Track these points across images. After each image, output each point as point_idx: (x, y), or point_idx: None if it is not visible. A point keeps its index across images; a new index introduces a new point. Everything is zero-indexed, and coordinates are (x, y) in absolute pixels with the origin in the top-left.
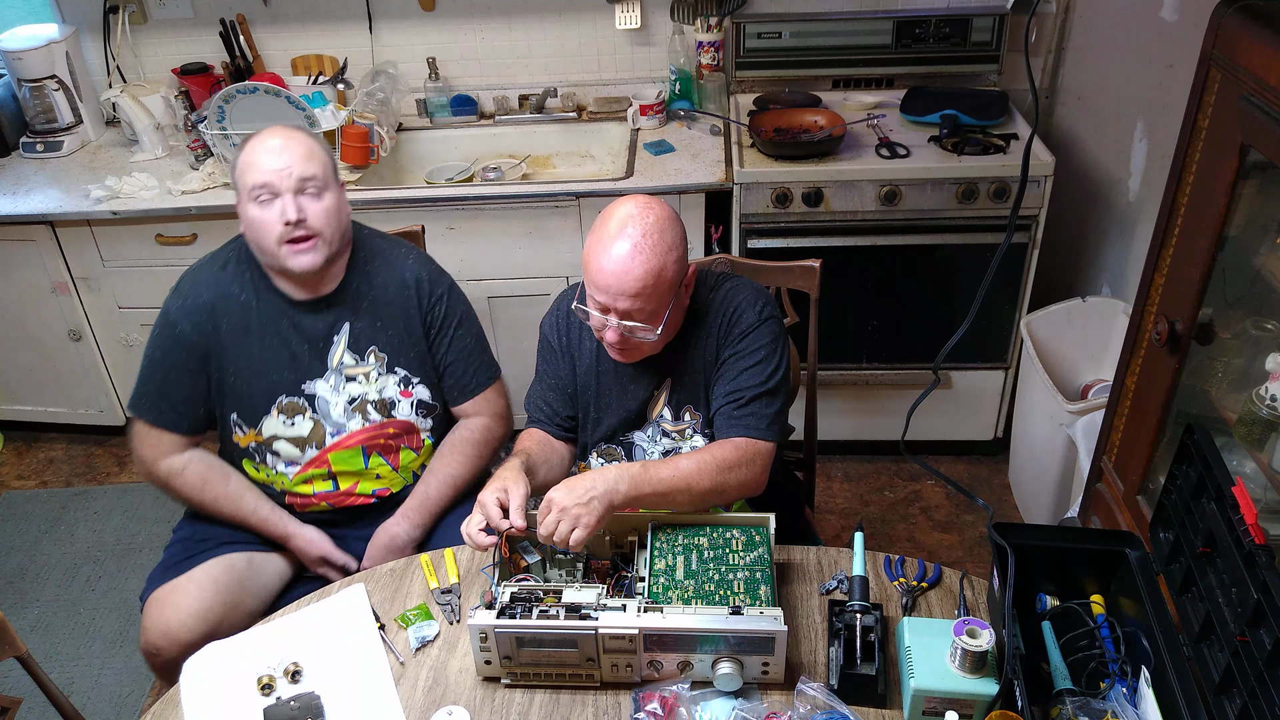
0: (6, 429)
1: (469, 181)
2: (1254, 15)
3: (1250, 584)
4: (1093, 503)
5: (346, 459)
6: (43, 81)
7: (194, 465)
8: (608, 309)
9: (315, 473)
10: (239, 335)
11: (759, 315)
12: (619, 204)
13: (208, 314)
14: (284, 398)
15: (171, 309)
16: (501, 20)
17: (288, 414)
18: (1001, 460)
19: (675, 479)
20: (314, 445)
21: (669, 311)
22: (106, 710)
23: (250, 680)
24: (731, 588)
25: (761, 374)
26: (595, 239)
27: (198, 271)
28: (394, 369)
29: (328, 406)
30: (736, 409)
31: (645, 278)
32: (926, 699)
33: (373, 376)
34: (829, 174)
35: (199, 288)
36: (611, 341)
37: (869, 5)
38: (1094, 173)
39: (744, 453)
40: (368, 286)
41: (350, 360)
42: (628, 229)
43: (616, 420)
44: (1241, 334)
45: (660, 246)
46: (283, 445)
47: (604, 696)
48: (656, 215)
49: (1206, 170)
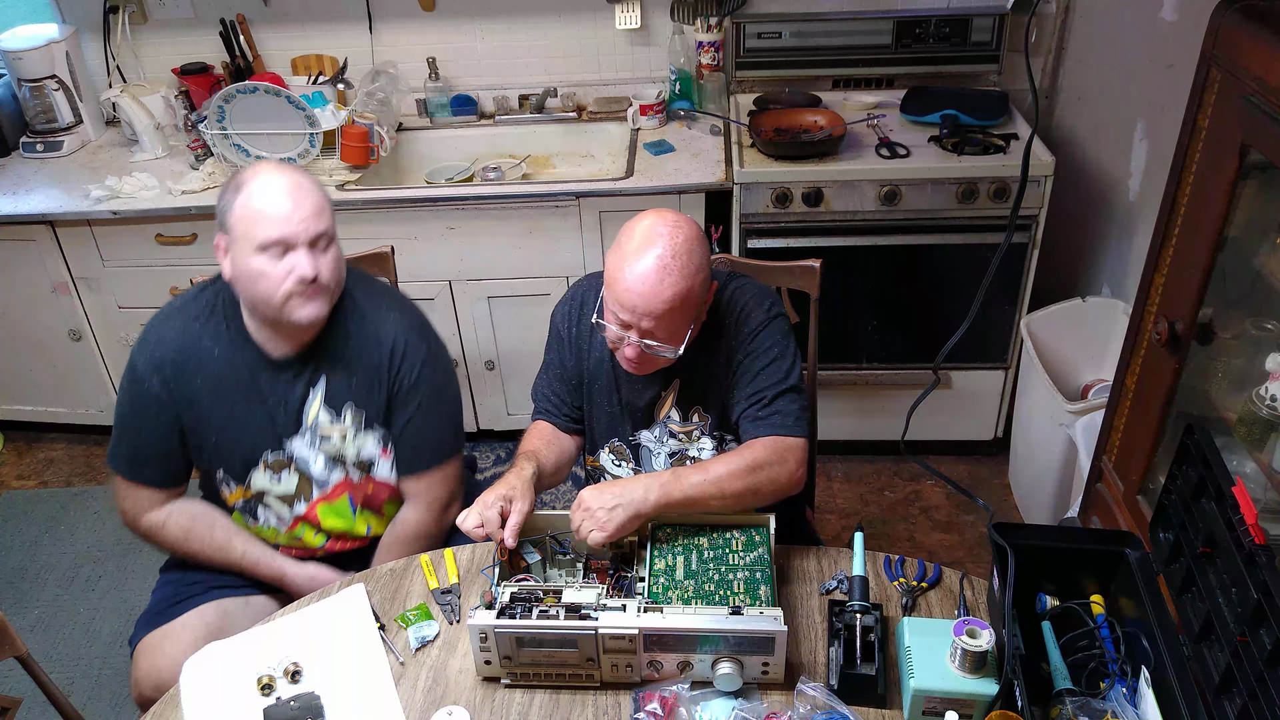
0: (6, 429)
1: (469, 181)
2: (1254, 15)
3: (1250, 584)
4: (1093, 503)
5: (335, 512)
6: (43, 81)
7: (174, 518)
8: (629, 325)
9: (305, 527)
10: (215, 392)
11: (768, 314)
12: (646, 220)
13: (176, 368)
14: (269, 454)
15: (139, 363)
16: (501, 20)
17: (274, 470)
18: (1001, 460)
19: (706, 484)
20: (302, 500)
21: (691, 330)
22: (106, 710)
23: (250, 680)
24: (731, 588)
25: (779, 371)
26: (621, 255)
27: (166, 321)
28: (372, 426)
29: (308, 465)
30: (761, 409)
31: (673, 300)
32: (926, 699)
33: (349, 436)
34: (829, 174)
35: (165, 341)
36: (630, 358)
37: (869, 5)
38: (1094, 173)
39: (775, 451)
40: (345, 340)
41: (325, 419)
42: (656, 248)
43: (623, 417)
44: (1241, 334)
45: (689, 268)
46: (273, 501)
47: (604, 696)
48: (686, 235)
49: (1207, 170)
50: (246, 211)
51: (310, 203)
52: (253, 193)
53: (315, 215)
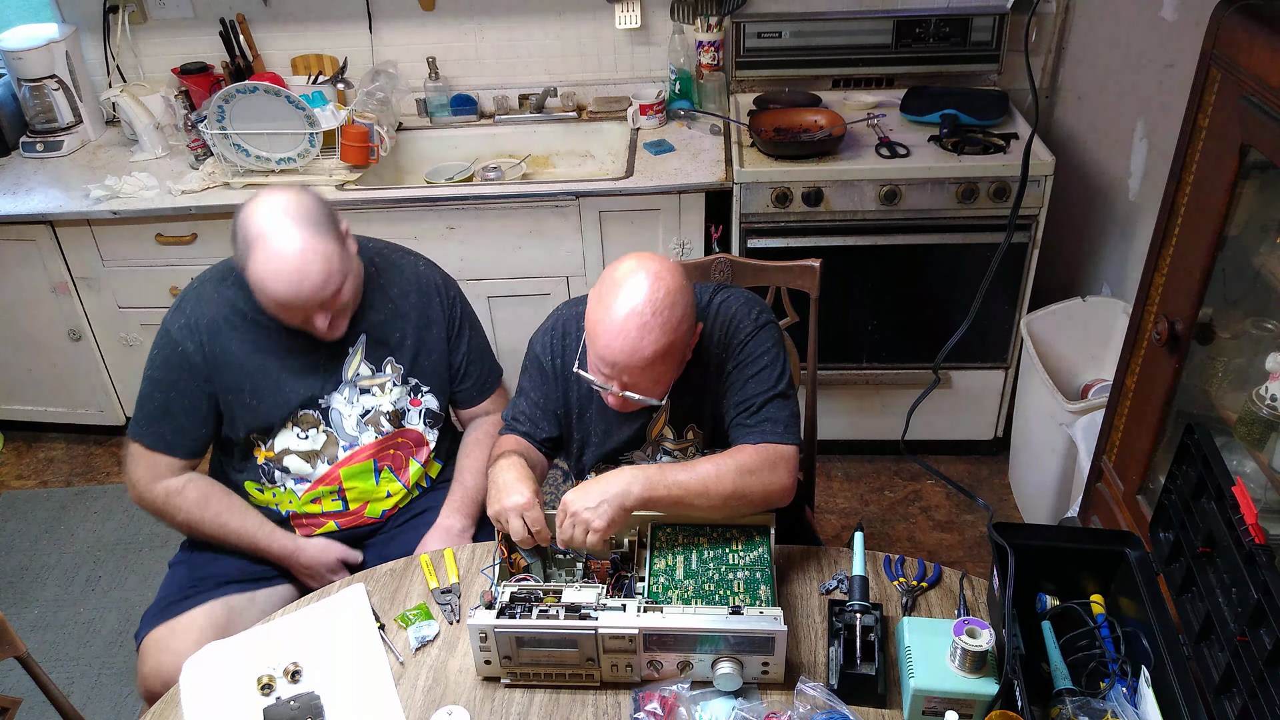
0: (6, 429)
1: (469, 181)
2: (1254, 15)
3: (1250, 584)
4: (1093, 502)
5: (357, 474)
6: (43, 81)
7: (194, 483)
8: (610, 378)
9: (325, 490)
10: (250, 351)
11: (755, 323)
12: (627, 270)
13: (214, 332)
14: (300, 410)
15: (173, 327)
16: (501, 20)
17: (302, 426)
18: (1001, 460)
19: (692, 481)
20: (325, 460)
21: (674, 375)
22: (106, 710)
23: (250, 680)
24: (731, 587)
25: (768, 379)
26: (602, 308)
27: (201, 287)
28: (408, 379)
29: (340, 419)
30: (749, 417)
31: (654, 357)
32: (926, 699)
33: (388, 388)
34: (829, 174)
35: (203, 305)
36: (613, 405)
37: (869, 5)
38: (1094, 172)
39: (765, 457)
40: (384, 298)
41: (366, 371)
42: (637, 303)
43: (614, 443)
44: (1241, 334)
45: (670, 323)
46: (293, 460)
47: (604, 696)
48: (668, 288)
49: (1207, 170)
50: (257, 277)
51: (316, 275)
52: (261, 264)
53: (323, 284)
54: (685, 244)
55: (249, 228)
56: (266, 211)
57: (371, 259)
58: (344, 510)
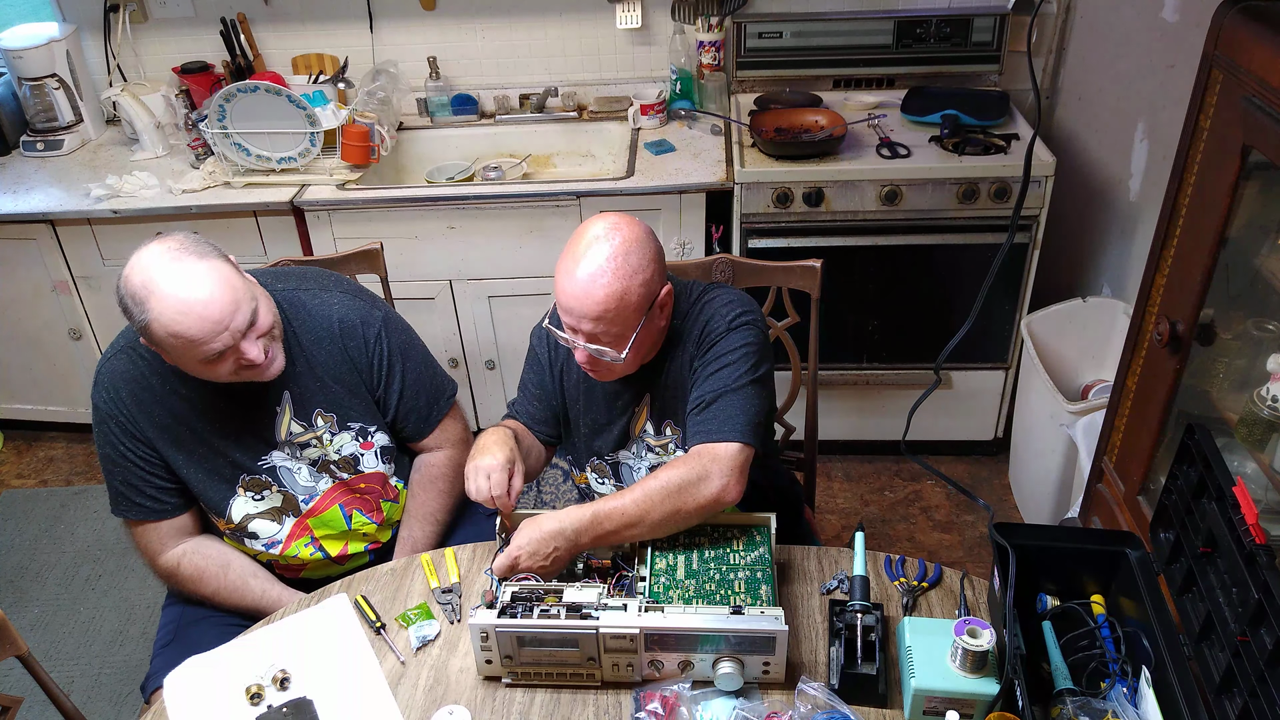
0: (6, 428)
1: (469, 181)
2: (1256, 16)
3: (1251, 584)
4: (1093, 503)
5: (327, 522)
6: (43, 80)
7: (188, 559)
8: (575, 330)
9: (300, 543)
10: (173, 428)
11: (729, 323)
12: (589, 223)
13: (132, 409)
14: (245, 475)
15: (99, 403)
16: (502, 20)
17: (254, 490)
18: (1002, 460)
19: (625, 517)
20: (291, 514)
21: (637, 334)
22: (106, 710)
23: (238, 691)
24: (732, 587)
25: (727, 376)
26: (562, 259)
27: (114, 359)
28: (346, 425)
29: (291, 475)
30: (698, 413)
31: (606, 302)
32: (927, 699)
33: (325, 439)
34: (830, 174)
35: (116, 382)
36: (581, 361)
37: (870, 5)
38: (1095, 173)
39: (694, 466)
40: (299, 349)
41: (299, 429)
42: (592, 251)
43: (603, 436)
44: (1243, 334)
45: (624, 270)
46: (259, 524)
47: (605, 696)
48: (624, 237)
49: (1208, 171)
50: (162, 329)
51: (222, 298)
52: (160, 313)
53: (233, 306)
54: (686, 244)
55: (132, 285)
56: (145, 263)
57: (280, 304)
58: (326, 558)
